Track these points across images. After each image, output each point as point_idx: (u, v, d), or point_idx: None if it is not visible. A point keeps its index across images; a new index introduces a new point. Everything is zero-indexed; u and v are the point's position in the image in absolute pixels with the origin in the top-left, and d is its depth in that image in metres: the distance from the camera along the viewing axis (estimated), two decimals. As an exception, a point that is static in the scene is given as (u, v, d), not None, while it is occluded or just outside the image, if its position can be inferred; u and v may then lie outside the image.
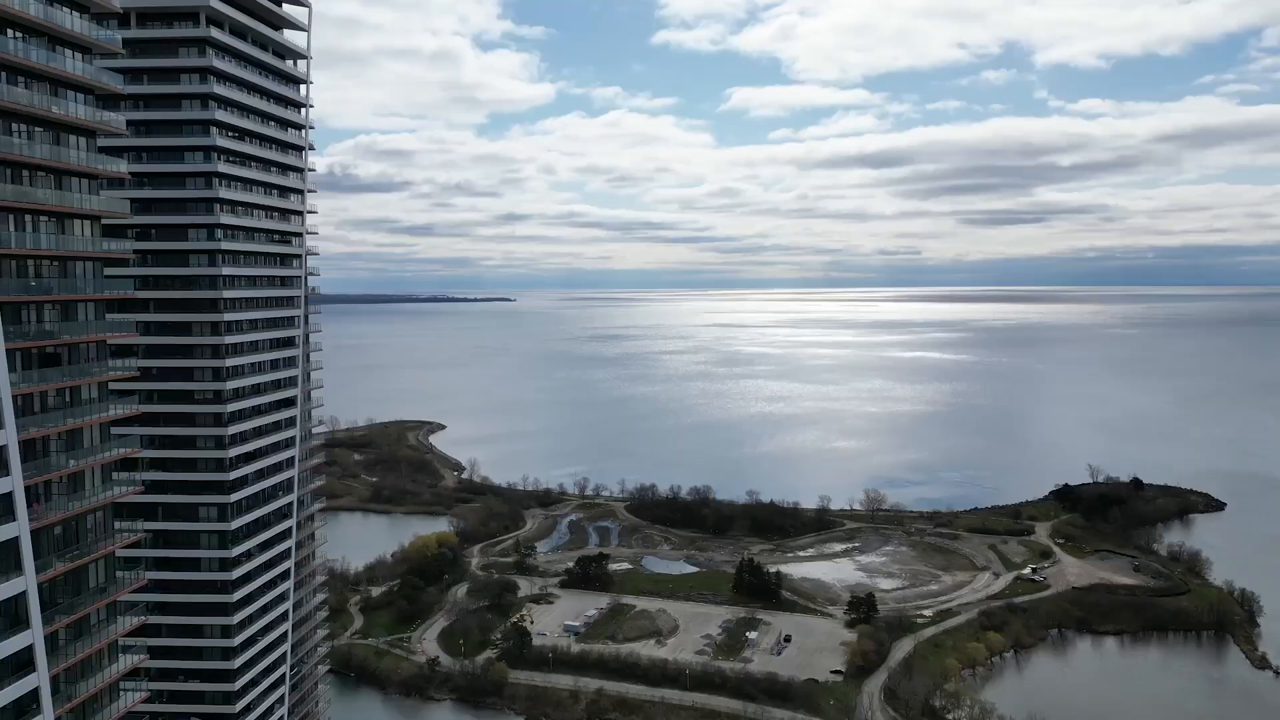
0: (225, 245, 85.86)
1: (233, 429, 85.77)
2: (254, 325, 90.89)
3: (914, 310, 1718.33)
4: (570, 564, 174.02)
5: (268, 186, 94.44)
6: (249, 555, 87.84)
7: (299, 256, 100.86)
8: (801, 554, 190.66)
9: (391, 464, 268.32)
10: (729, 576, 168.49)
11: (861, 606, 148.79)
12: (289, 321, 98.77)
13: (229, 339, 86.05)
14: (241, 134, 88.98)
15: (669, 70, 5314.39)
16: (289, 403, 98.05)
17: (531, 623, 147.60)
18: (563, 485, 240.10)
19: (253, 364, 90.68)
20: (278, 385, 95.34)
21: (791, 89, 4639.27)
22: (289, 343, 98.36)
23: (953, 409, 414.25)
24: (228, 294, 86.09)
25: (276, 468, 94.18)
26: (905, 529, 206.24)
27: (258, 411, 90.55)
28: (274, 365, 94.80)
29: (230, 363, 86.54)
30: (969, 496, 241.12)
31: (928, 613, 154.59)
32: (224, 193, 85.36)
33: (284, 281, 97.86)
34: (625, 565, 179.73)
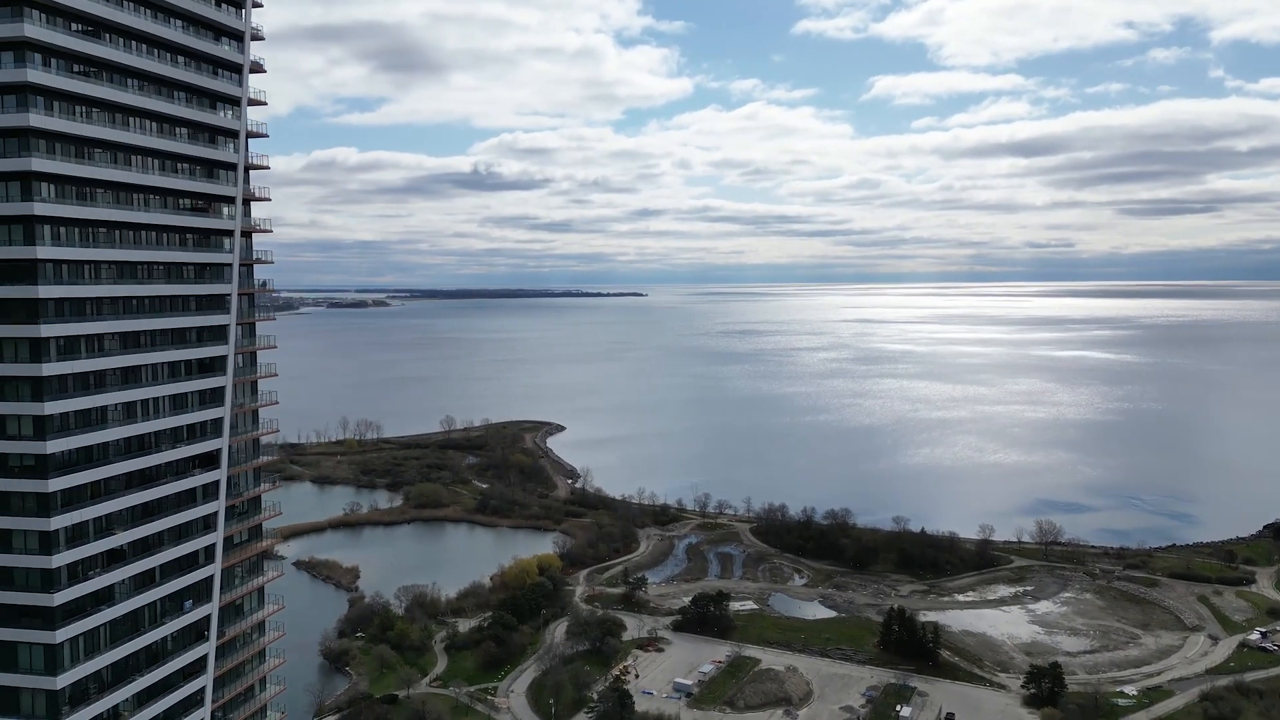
0: (49, 209, 58.40)
1: (65, 519, 58.99)
2: (130, 341, 65.70)
3: (1068, 306, 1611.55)
4: (686, 600, 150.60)
5: (164, 124, 68.93)
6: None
7: (226, 236, 76.69)
8: (960, 598, 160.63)
9: (502, 470, 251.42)
10: (874, 627, 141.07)
11: (1044, 679, 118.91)
12: (210, 334, 73.74)
13: (57, 367, 58.57)
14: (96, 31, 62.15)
15: (809, 61, 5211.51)
16: (208, 460, 73.17)
17: (636, 677, 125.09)
18: (681, 501, 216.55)
19: (122, 404, 64.37)
20: (176, 436, 69.61)
21: (938, 76, 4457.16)
22: (209, 366, 73.48)
23: (1127, 417, 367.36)
24: (49, 291, 57.86)
25: (177, 566, 70.37)
26: (1087, 569, 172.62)
27: (138, 479, 65.72)
28: (175, 404, 69.67)
29: (61, 407, 58.69)
30: (1163, 529, 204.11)
31: (1130, 689, 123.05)
32: (47, 121, 58.14)
33: (201, 274, 73.05)
34: (749, 604, 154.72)
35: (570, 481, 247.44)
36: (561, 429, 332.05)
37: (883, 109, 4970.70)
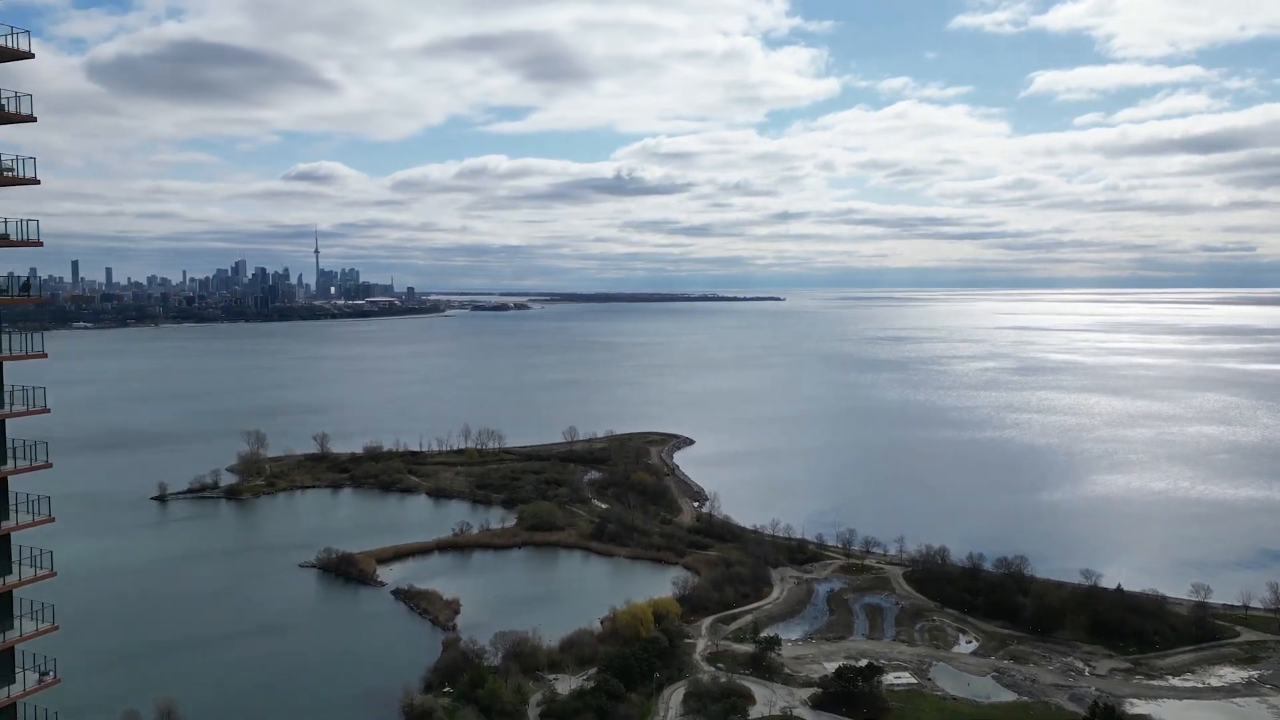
0: None
1: None
2: None
3: (1250, 314, 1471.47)
4: (828, 668, 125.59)
5: None
6: None
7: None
8: (1176, 681, 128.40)
9: (623, 489, 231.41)
10: (1068, 718, 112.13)
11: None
12: None
13: None
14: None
15: (964, 57, 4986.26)
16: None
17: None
18: (822, 536, 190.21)
19: None
20: None
21: (1106, 69, 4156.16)
22: None
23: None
24: None
25: None
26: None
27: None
28: None
29: None
30: None
31: None
32: None
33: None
34: (905, 676, 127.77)
35: (696, 505, 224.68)
36: (690, 443, 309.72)
37: (1043, 105, 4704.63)
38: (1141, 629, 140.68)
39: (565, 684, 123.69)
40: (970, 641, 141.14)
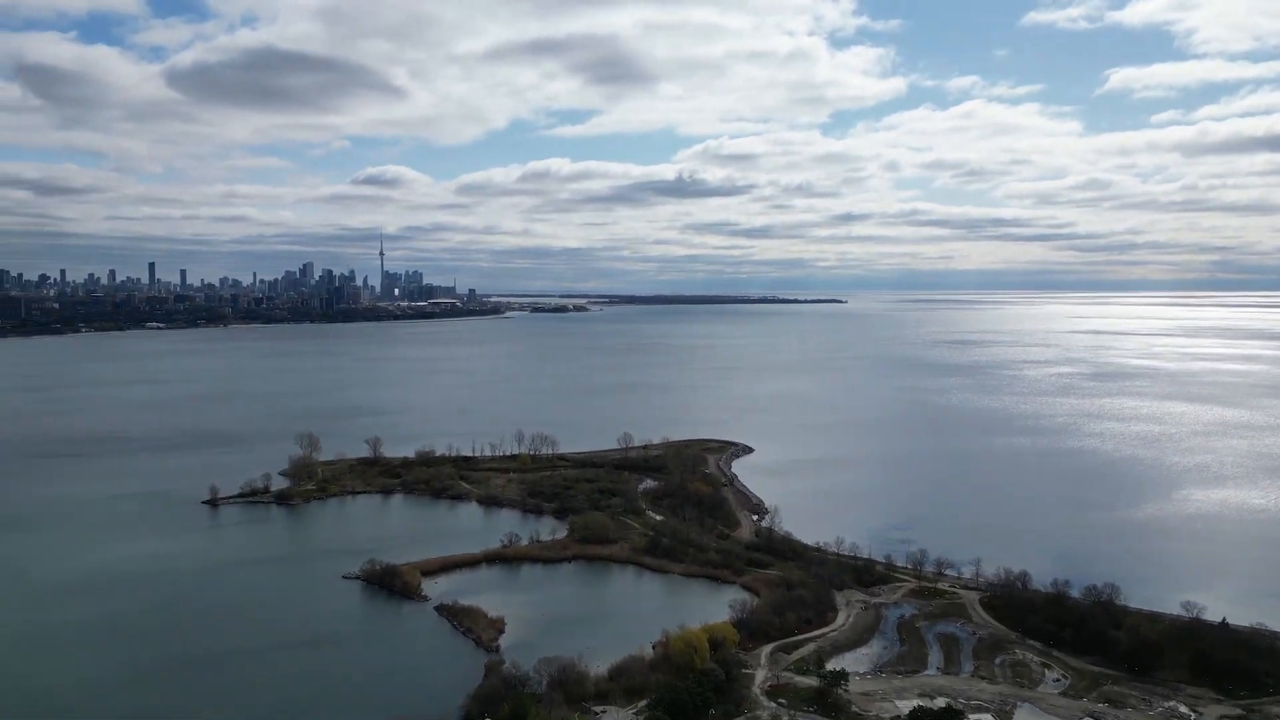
0: None
1: None
2: None
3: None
4: (900, 707, 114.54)
5: None
6: None
7: None
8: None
9: (679, 500, 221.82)
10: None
11: None
12: None
13: None
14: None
15: (1036, 54, 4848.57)
16: None
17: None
18: (890, 556, 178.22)
19: None
20: None
21: (1185, 65, 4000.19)
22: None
23: None
24: None
25: None
26: None
27: None
28: None
29: None
30: None
31: None
32: None
33: None
34: (986, 718, 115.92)
35: (755, 519, 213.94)
36: (749, 451, 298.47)
37: (1118, 103, 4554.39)
38: (1253, 670, 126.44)
39: (613, 717, 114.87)
40: (1058, 679, 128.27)
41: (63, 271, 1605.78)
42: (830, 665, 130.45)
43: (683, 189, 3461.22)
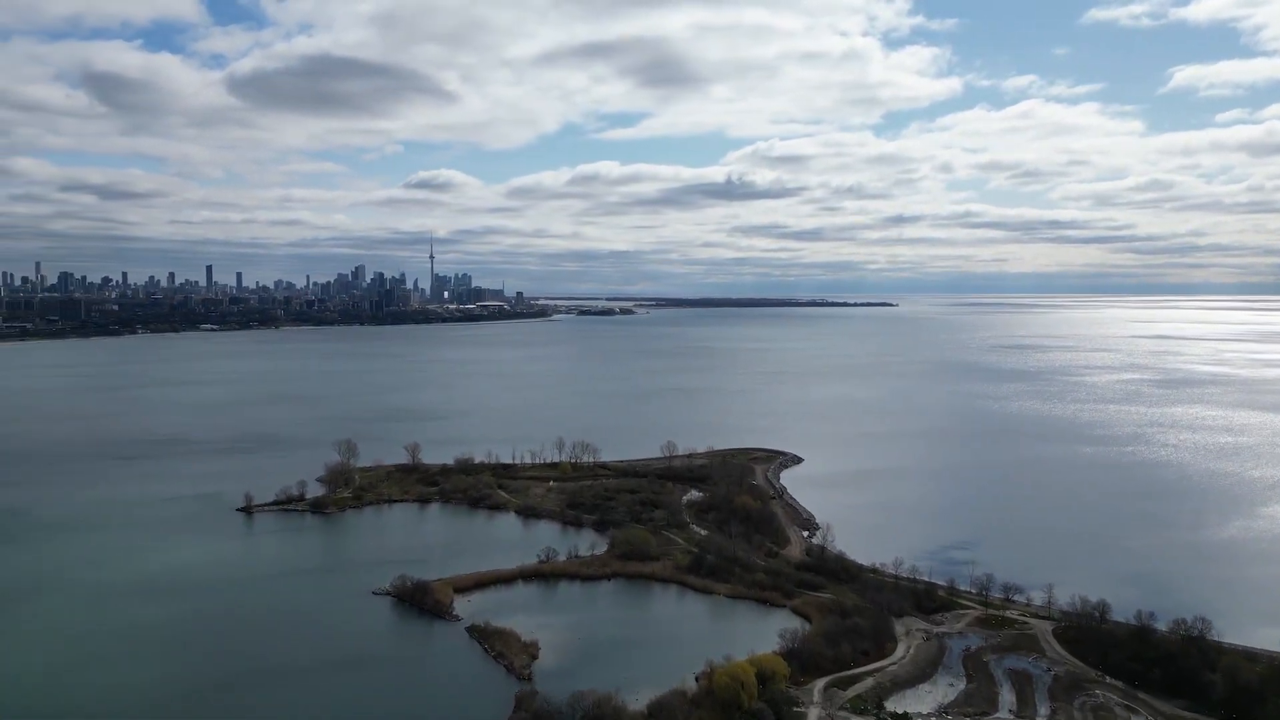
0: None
1: None
2: None
3: None
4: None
5: None
6: None
7: None
8: None
9: (725, 513, 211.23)
10: None
11: None
12: None
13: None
14: None
15: (1096, 53, 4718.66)
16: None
17: None
18: (953, 580, 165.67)
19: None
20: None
21: (1253, 62, 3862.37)
22: None
23: None
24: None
25: None
26: None
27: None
28: None
29: None
30: None
31: None
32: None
33: None
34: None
35: (806, 535, 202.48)
36: (799, 461, 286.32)
37: (1181, 102, 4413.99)
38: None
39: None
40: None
41: (124, 274, 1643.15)
42: (890, 704, 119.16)
43: (732, 191, 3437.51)
